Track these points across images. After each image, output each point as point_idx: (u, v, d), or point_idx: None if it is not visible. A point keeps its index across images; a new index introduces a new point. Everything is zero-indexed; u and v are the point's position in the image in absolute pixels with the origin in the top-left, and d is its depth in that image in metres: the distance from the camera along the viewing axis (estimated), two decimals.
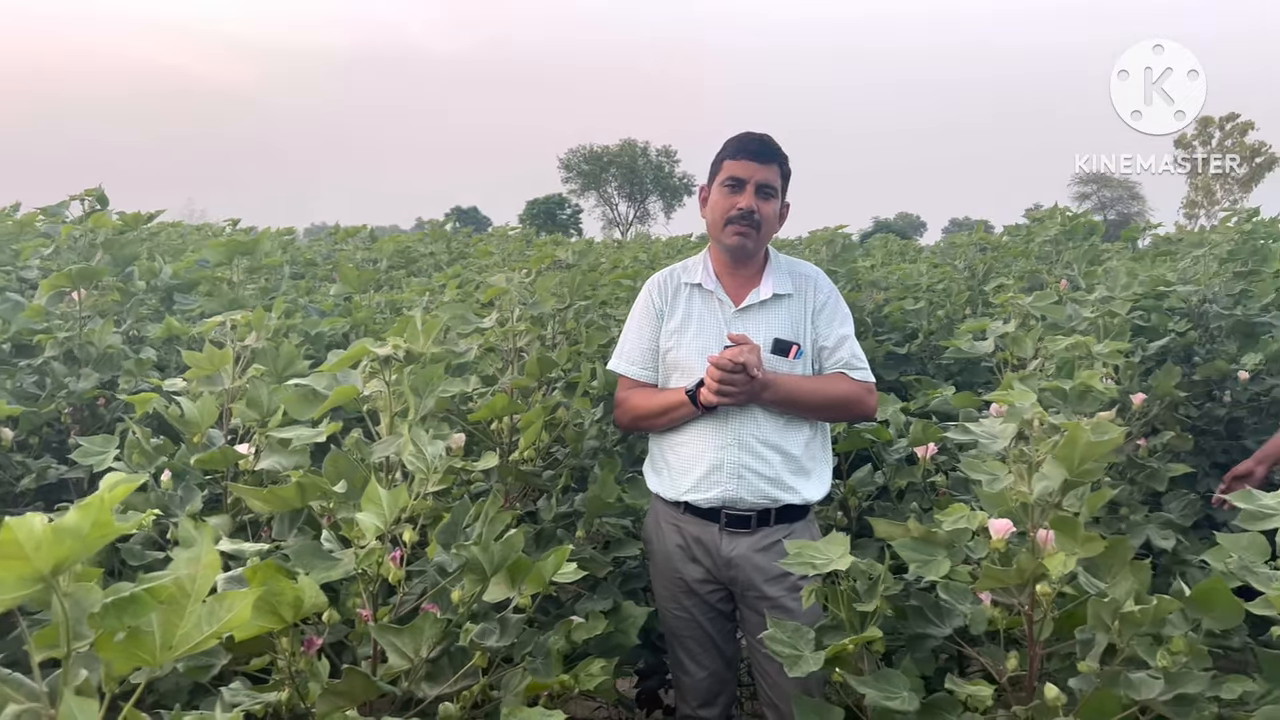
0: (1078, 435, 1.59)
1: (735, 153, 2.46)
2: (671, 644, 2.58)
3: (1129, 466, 2.94)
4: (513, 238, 6.12)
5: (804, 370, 2.45)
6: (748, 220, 2.42)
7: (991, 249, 5.02)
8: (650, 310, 2.53)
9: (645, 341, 2.53)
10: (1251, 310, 3.86)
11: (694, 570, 2.45)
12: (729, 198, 2.44)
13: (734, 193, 2.43)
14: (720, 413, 2.38)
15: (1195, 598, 1.67)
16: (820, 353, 2.48)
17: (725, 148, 2.50)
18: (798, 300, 2.49)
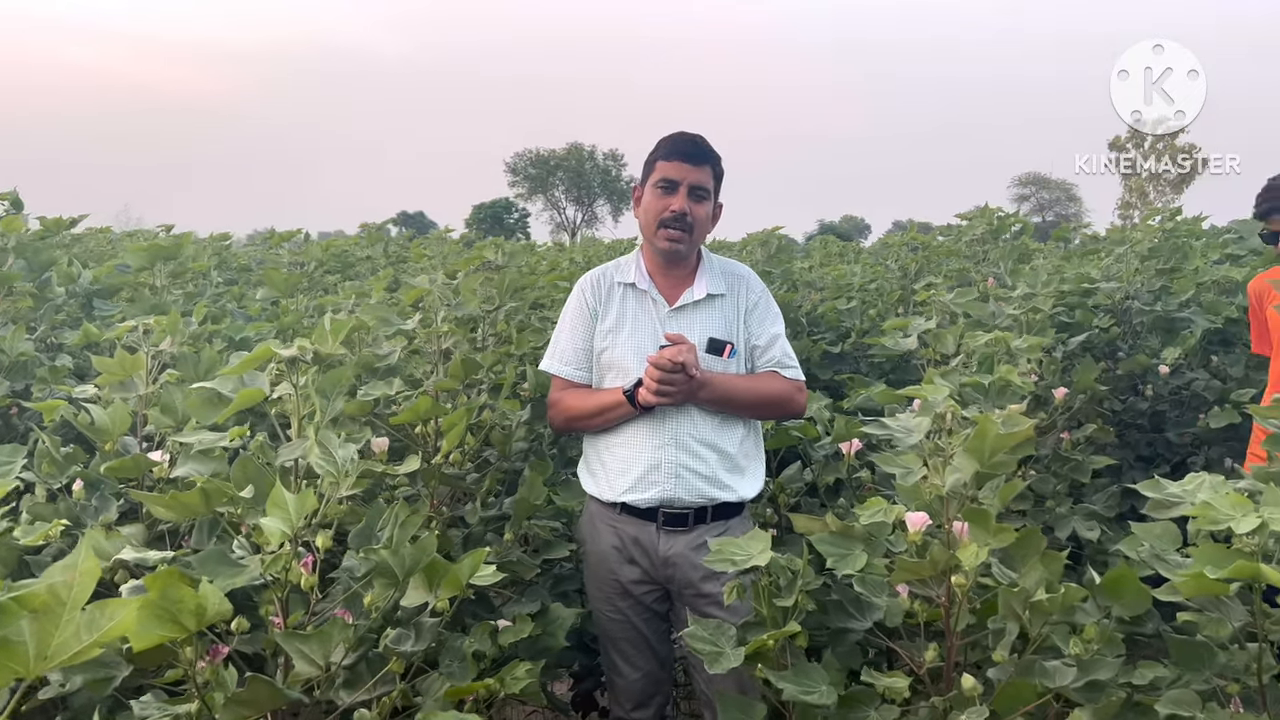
0: (987, 428, 1.61)
1: (668, 154, 2.45)
2: (605, 646, 2.57)
3: (1053, 460, 3.00)
4: (450, 241, 6.06)
5: (737, 369, 2.46)
6: (680, 223, 2.41)
7: (923, 249, 5.09)
8: (583, 310, 2.52)
9: (579, 341, 2.51)
10: (1172, 306, 3.96)
11: (630, 571, 2.45)
12: (662, 199, 2.43)
13: (667, 194, 2.42)
14: (657, 413, 2.38)
15: (1105, 586, 1.70)
16: (752, 351, 2.50)
17: (658, 147, 2.49)
18: (730, 300, 2.50)
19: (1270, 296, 3.39)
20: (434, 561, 1.62)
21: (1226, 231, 5.35)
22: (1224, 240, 5.05)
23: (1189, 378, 3.78)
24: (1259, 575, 1.39)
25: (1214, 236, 5.32)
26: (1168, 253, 4.17)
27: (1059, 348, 3.28)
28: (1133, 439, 3.87)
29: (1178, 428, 3.82)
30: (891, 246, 6.13)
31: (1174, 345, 3.68)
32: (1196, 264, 4.38)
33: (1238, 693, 1.63)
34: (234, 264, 6.87)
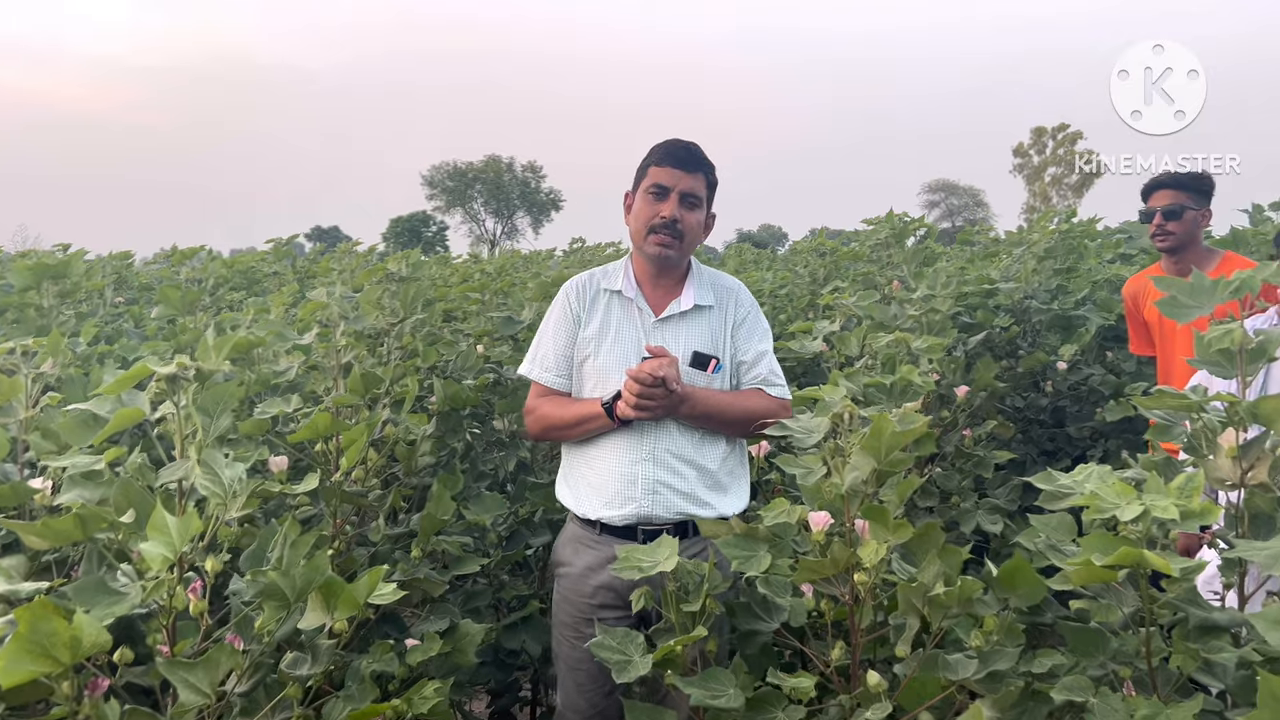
0: (883, 426, 1.63)
1: (661, 159, 2.39)
2: (562, 674, 2.44)
3: (957, 456, 3.06)
4: (358, 254, 5.96)
5: (722, 384, 2.40)
6: (670, 230, 2.35)
7: (831, 254, 5.18)
8: (567, 315, 2.44)
9: (561, 347, 2.44)
10: (1068, 304, 4.09)
11: (606, 595, 2.33)
12: (653, 205, 2.37)
13: (658, 200, 2.37)
14: (635, 427, 2.32)
15: (1001, 577, 1.73)
16: (738, 367, 2.43)
17: (651, 153, 2.43)
18: (718, 313, 2.45)
19: (1146, 295, 3.53)
20: (329, 581, 1.57)
21: (1119, 232, 5.56)
22: (1116, 240, 5.25)
23: (1086, 373, 3.91)
24: (1143, 561, 1.43)
25: (1107, 237, 5.52)
26: (1063, 253, 4.32)
27: (960, 347, 3.36)
28: (1035, 434, 3.98)
29: (1077, 422, 3.94)
30: (800, 253, 6.22)
31: (1071, 342, 3.80)
32: (1091, 263, 4.53)
33: (1130, 676, 1.67)
34: (135, 283, 6.65)
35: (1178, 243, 3.46)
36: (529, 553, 3.07)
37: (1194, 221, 3.47)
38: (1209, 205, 3.52)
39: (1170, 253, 3.50)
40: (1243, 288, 1.71)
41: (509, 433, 3.24)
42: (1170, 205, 3.45)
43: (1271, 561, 1.48)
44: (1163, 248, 3.51)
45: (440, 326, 3.99)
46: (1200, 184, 3.51)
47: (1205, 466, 1.74)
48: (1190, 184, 3.49)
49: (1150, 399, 1.79)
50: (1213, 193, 3.54)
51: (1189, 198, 3.46)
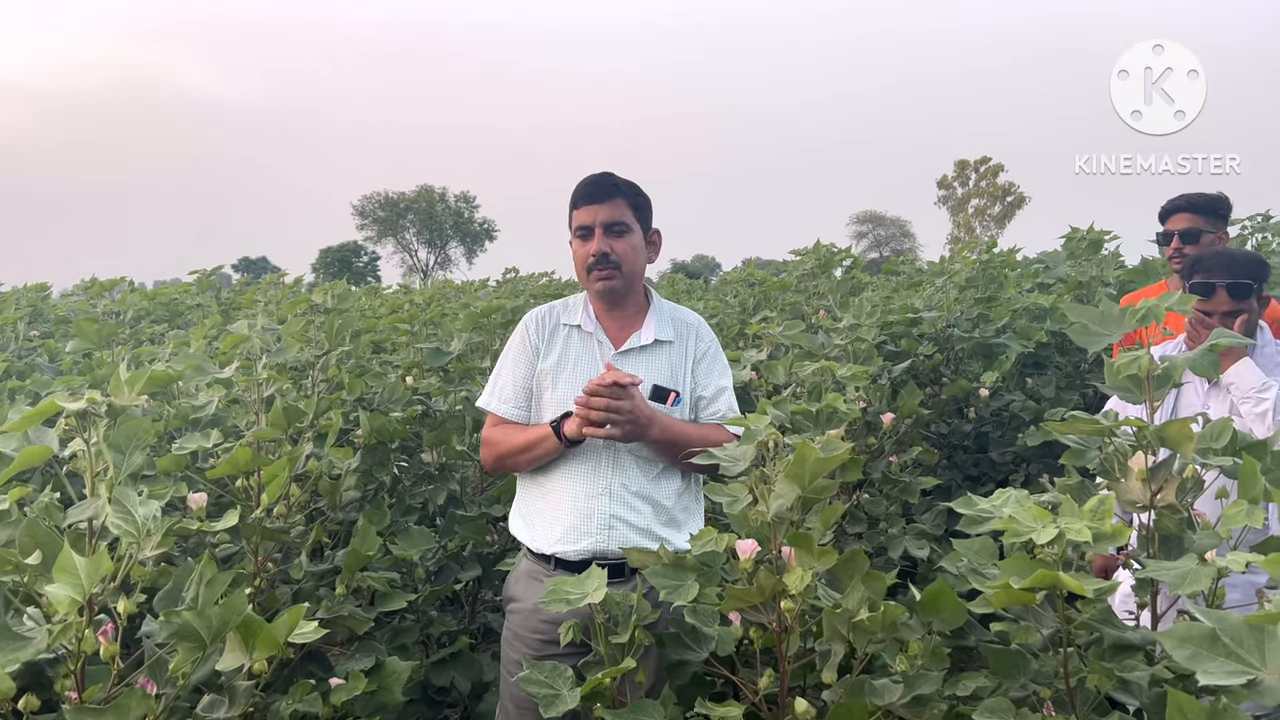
0: (806, 453, 1.65)
1: (576, 201, 2.41)
2: (510, 713, 2.36)
3: (884, 482, 3.11)
4: (285, 285, 5.86)
5: (680, 418, 2.37)
6: (605, 263, 2.35)
7: (760, 284, 5.25)
8: (526, 346, 2.42)
9: (519, 379, 2.41)
10: (989, 332, 4.20)
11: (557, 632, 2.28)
12: (583, 247, 2.38)
13: (586, 240, 2.38)
14: (590, 461, 2.30)
15: (924, 602, 1.75)
16: (698, 402, 2.42)
17: (570, 198, 2.44)
18: (679, 347, 2.43)
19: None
20: (247, 621, 1.53)
21: (1037, 262, 5.74)
22: (1035, 270, 5.41)
23: (1007, 399, 4.01)
24: (1058, 583, 1.46)
25: (1026, 267, 5.69)
26: (984, 283, 4.43)
27: (885, 375, 3.42)
28: (960, 460, 4.06)
29: (1000, 447, 4.03)
30: (730, 283, 6.29)
31: (992, 369, 3.90)
32: (1011, 292, 4.66)
33: (1050, 696, 1.71)
34: (51, 315, 6.44)
35: None
36: (458, 587, 3.02)
37: (1211, 244, 3.47)
38: (1225, 228, 3.57)
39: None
40: (1148, 315, 1.77)
41: (438, 465, 3.20)
42: (1188, 228, 3.46)
43: (1179, 581, 1.52)
44: (1178, 270, 3.50)
45: (369, 358, 3.95)
46: (1217, 207, 3.53)
47: (1117, 489, 1.79)
48: (1206, 207, 3.51)
49: (1064, 424, 1.84)
50: (1229, 215, 3.59)
51: (1206, 221, 3.48)
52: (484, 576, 3.05)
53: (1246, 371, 2.57)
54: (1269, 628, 1.07)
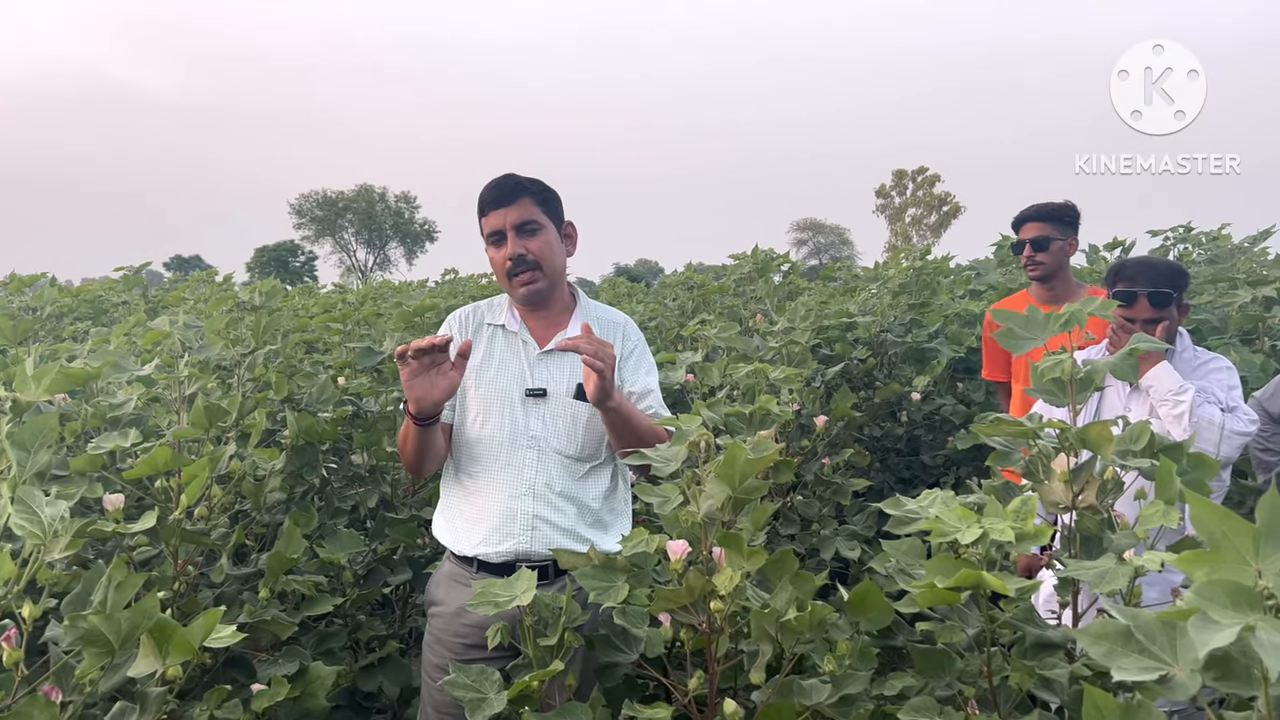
0: (736, 453, 1.65)
1: (483, 208, 2.37)
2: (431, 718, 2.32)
3: (817, 484, 3.13)
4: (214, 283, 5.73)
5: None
6: (522, 264, 2.31)
7: (698, 288, 5.27)
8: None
9: None
10: (921, 337, 4.26)
11: (480, 635, 2.20)
12: (498, 253, 2.34)
13: (499, 246, 2.34)
14: (514, 461, 2.26)
15: (851, 602, 1.76)
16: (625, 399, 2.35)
17: (477, 207, 2.39)
18: None
19: None
20: (160, 625, 1.48)
21: (969, 269, 5.85)
22: (966, 277, 5.51)
23: (938, 403, 4.07)
24: (982, 583, 1.48)
25: (959, 274, 5.80)
26: (917, 289, 4.50)
27: (819, 378, 3.45)
28: (893, 462, 4.11)
29: (931, 450, 4.09)
30: (670, 286, 6.30)
31: (924, 374, 3.95)
32: (943, 299, 4.74)
33: (974, 695, 1.73)
34: None
35: (1047, 271, 3.64)
36: (387, 591, 2.97)
37: (1061, 251, 3.64)
38: (1075, 235, 3.70)
39: (1041, 281, 3.67)
40: (1072, 321, 1.81)
41: (369, 467, 3.14)
42: (1038, 236, 3.61)
43: (1098, 580, 1.55)
44: (1033, 276, 3.67)
45: (300, 358, 3.87)
46: (1065, 214, 3.67)
47: (1041, 491, 1.82)
48: (1054, 215, 3.65)
49: (989, 426, 1.87)
50: (1078, 222, 3.72)
51: (1055, 229, 3.63)
52: (415, 580, 3.00)
53: (1165, 375, 2.64)
54: (1180, 624, 1.09)
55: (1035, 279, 3.69)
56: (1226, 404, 2.61)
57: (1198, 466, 1.76)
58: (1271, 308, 4.35)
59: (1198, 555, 1.03)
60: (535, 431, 2.29)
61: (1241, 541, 1.02)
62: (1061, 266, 3.66)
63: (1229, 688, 1.08)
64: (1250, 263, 5.40)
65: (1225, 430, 2.54)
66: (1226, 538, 1.03)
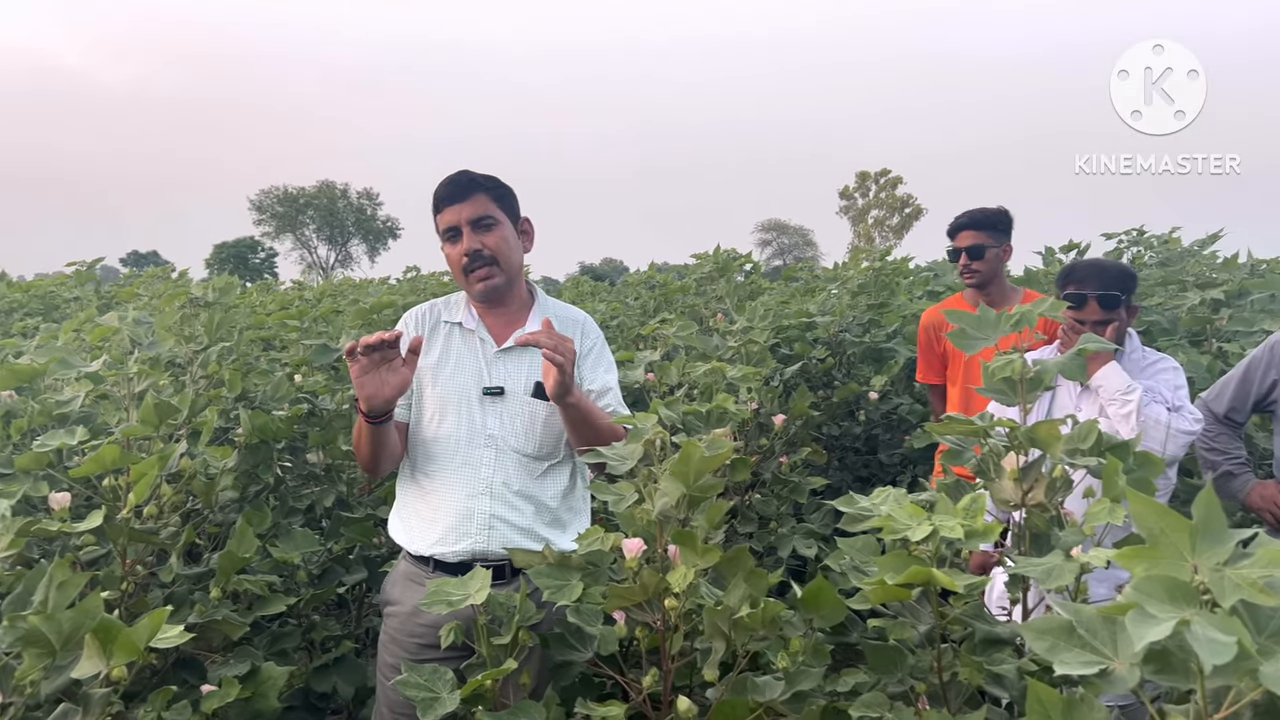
0: (691, 451, 1.65)
1: (438, 204, 2.34)
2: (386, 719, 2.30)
3: (775, 482, 3.15)
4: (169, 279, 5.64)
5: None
6: (479, 260, 2.29)
7: (660, 287, 5.28)
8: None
9: None
10: (879, 338, 4.30)
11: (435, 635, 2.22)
12: (454, 249, 2.31)
13: (455, 242, 2.31)
14: (471, 460, 2.24)
15: (805, 599, 1.77)
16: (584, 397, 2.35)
17: (432, 204, 2.37)
18: None
19: (944, 327, 3.75)
20: (105, 625, 1.46)
21: (927, 270, 5.91)
22: (925, 278, 5.57)
23: (896, 403, 4.11)
24: (932, 579, 1.50)
25: (917, 275, 5.86)
26: (876, 289, 4.54)
27: (778, 377, 3.47)
28: (850, 461, 4.15)
29: (888, 449, 4.13)
30: (632, 285, 6.31)
31: (882, 373, 3.99)
32: (902, 299, 4.79)
33: (925, 691, 1.75)
34: None
35: (983, 279, 3.69)
36: (342, 590, 2.94)
37: (996, 258, 3.70)
38: (1009, 241, 3.77)
39: (977, 288, 3.73)
40: (1022, 321, 1.83)
41: (324, 466, 3.11)
42: (973, 245, 3.66)
43: (1046, 576, 1.58)
44: (970, 284, 3.74)
45: (257, 355, 3.82)
46: (999, 221, 3.74)
47: (991, 489, 1.84)
48: (987, 223, 3.71)
49: (941, 425, 1.89)
50: (1012, 228, 3.79)
51: (989, 236, 3.69)
52: (371, 580, 2.97)
53: (1113, 375, 2.68)
54: (1120, 619, 1.11)
55: (972, 286, 3.74)
56: (1172, 403, 2.66)
57: (1144, 465, 1.79)
58: (1219, 310, 4.44)
59: (1137, 551, 1.05)
60: (493, 430, 2.28)
61: (1179, 538, 1.04)
62: (997, 273, 3.71)
63: (1167, 681, 1.10)
64: (1200, 266, 5.52)
65: (1171, 429, 2.59)
66: (1165, 534, 1.05)
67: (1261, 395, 2.97)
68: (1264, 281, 4.78)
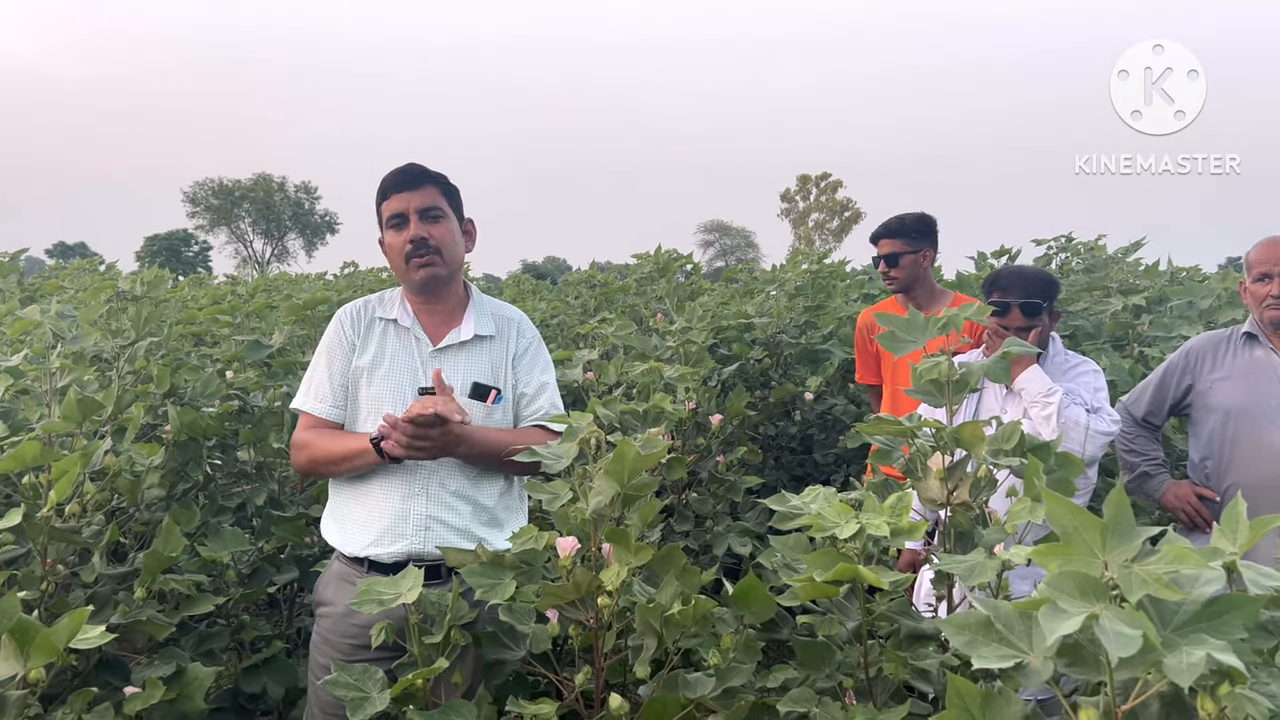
0: (625, 450, 1.66)
1: (386, 191, 2.33)
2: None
3: (711, 481, 3.18)
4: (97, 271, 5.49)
5: (502, 416, 2.33)
6: (424, 247, 2.27)
7: (601, 286, 5.29)
8: (341, 342, 2.31)
9: (335, 376, 2.30)
10: (815, 339, 4.36)
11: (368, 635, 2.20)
12: (398, 235, 2.29)
13: (401, 229, 2.29)
14: (408, 461, 2.21)
15: (736, 596, 1.80)
16: (520, 399, 2.36)
17: (378, 191, 2.35)
18: (499, 343, 2.37)
19: (879, 329, 3.81)
20: (21, 626, 1.42)
21: (863, 274, 6.01)
22: (860, 280, 5.66)
23: (830, 403, 4.18)
24: (858, 576, 1.53)
25: (854, 278, 5.95)
26: (813, 292, 4.60)
27: (715, 377, 3.51)
28: (786, 460, 4.20)
29: (823, 449, 4.19)
30: (573, 284, 6.31)
31: (817, 374, 4.05)
32: (838, 301, 4.86)
33: (852, 686, 1.78)
34: None
35: (902, 285, 3.74)
36: (272, 590, 2.90)
37: (914, 264, 3.73)
38: (930, 245, 3.81)
39: (900, 293, 3.78)
40: (949, 324, 1.88)
41: (255, 464, 3.06)
42: (889, 252, 3.71)
43: (968, 573, 1.62)
44: (891, 290, 3.80)
45: (188, 351, 3.75)
46: (915, 228, 3.77)
47: (919, 488, 1.88)
48: (903, 231, 3.74)
49: (871, 425, 1.93)
50: (933, 232, 3.84)
51: (905, 243, 3.72)
52: (302, 579, 2.94)
53: (1034, 378, 2.77)
54: (1035, 614, 1.15)
55: (894, 292, 3.80)
56: (1092, 405, 2.75)
57: (1064, 465, 1.85)
58: (1141, 316, 4.59)
59: (1052, 548, 1.09)
60: None
61: (1091, 536, 1.08)
62: (918, 278, 3.76)
63: (1079, 674, 1.14)
64: (1123, 273, 5.69)
65: (1089, 430, 2.67)
66: (1078, 532, 1.09)
67: (1177, 399, 3.08)
68: (1183, 288, 4.95)
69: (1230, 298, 4.65)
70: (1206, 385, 2.99)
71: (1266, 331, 2.93)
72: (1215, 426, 2.95)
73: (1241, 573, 1.13)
